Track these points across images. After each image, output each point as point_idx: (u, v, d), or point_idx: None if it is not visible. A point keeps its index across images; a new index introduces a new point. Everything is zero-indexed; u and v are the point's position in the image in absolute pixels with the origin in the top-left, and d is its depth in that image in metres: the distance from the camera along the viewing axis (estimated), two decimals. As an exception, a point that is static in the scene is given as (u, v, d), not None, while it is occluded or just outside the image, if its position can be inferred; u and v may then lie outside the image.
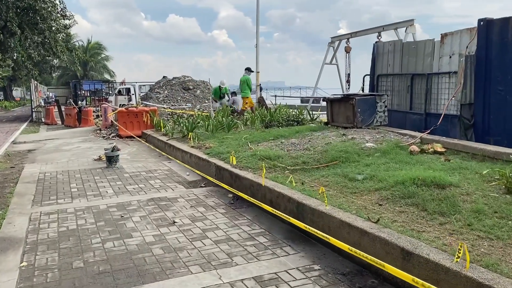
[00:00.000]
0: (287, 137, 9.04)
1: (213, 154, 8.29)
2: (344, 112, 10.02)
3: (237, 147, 8.67)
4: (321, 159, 6.80)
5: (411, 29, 12.09)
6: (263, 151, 7.57)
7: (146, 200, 6.67)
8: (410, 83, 9.91)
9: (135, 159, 10.59)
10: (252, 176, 6.41)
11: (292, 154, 7.28)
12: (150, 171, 9.03)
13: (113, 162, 9.44)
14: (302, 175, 6.24)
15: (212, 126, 10.64)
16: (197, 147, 9.44)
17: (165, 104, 16.37)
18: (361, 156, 6.76)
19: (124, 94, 28.97)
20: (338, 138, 8.15)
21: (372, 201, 4.81)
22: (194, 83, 17.87)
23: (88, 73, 53.40)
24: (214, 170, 7.70)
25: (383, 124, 9.73)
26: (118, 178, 8.38)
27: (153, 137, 12.64)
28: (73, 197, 6.99)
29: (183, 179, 8.17)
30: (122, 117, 14.23)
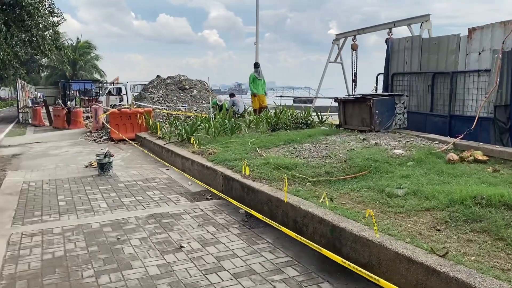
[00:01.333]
0: (300, 142, 8.18)
1: (219, 162, 7.40)
2: (358, 114, 9.19)
3: (244, 153, 7.79)
4: (347, 168, 5.95)
5: (427, 25, 11.32)
6: (277, 159, 6.70)
7: (146, 217, 5.77)
8: (431, 82, 9.12)
9: (130, 165, 9.66)
10: (269, 189, 5.53)
11: (311, 162, 6.42)
12: (147, 179, 8.12)
13: (106, 170, 8.51)
14: (327, 188, 5.38)
15: (214, 129, 9.74)
16: (199, 153, 8.54)
17: (160, 104, 15.43)
18: (392, 165, 5.92)
19: (115, 94, 27.91)
20: (359, 144, 7.31)
21: (426, 225, 3.96)
22: (191, 83, 16.94)
23: (78, 73, 52.09)
24: (221, 181, 6.82)
25: (402, 127, 8.92)
26: (112, 188, 7.46)
27: (148, 141, 11.72)
28: (60, 213, 6.06)
29: (185, 190, 7.28)
30: (115, 118, 13.27)
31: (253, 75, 13.86)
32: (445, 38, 8.82)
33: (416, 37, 9.66)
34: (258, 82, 13.80)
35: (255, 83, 13.77)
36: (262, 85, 13.97)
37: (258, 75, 13.95)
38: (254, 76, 13.84)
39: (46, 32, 25.66)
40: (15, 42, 24.99)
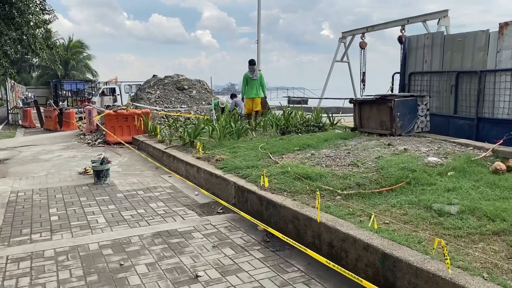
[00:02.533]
0: (316, 147, 7.47)
1: (229, 169, 6.67)
2: (377, 116, 8.50)
3: (256, 159, 7.08)
4: (380, 179, 5.25)
5: (445, 21, 10.65)
6: (296, 167, 5.98)
7: (151, 236, 5.03)
8: (454, 82, 8.45)
9: (128, 172, 8.90)
10: (294, 204, 4.81)
11: (337, 171, 5.70)
12: (149, 189, 7.37)
13: (103, 178, 7.74)
14: (362, 204, 4.68)
15: (219, 133, 9.00)
16: (204, 159, 7.81)
17: (158, 105, 14.65)
18: (432, 175, 5.23)
19: (108, 95, 27.04)
20: (385, 150, 6.62)
21: (501, 254, 3.27)
22: (189, 83, 16.17)
23: (70, 73, 51.03)
24: (233, 192, 6.09)
25: (424, 130, 8.26)
26: (110, 199, 6.70)
27: (147, 145, 10.95)
28: (53, 230, 5.30)
29: (191, 201, 6.54)
30: (110, 120, 12.48)
31: (246, 75, 11.62)
32: (472, 34, 8.16)
33: (438, 33, 9.00)
34: (252, 82, 11.52)
35: (248, 85, 11.57)
36: (258, 86, 11.62)
37: (252, 74, 11.57)
38: (247, 76, 11.61)
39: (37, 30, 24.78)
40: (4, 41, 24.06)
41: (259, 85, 11.72)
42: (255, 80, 11.54)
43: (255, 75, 11.53)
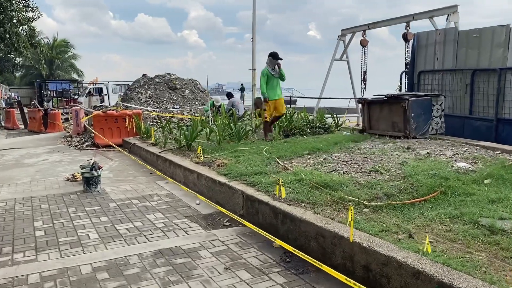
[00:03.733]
0: (327, 151, 6.91)
1: (234, 176, 6.06)
2: (388, 117, 7.98)
3: (263, 165, 6.47)
4: (410, 189, 4.69)
5: (454, 17, 10.19)
6: (311, 174, 5.39)
7: (152, 255, 4.39)
8: (470, 81, 7.95)
9: (120, 177, 8.23)
10: (316, 218, 4.22)
11: (358, 179, 5.12)
12: (144, 197, 6.71)
13: (93, 185, 7.07)
14: (394, 217, 4.11)
15: (219, 135, 8.37)
16: (204, 164, 7.18)
17: (149, 106, 13.95)
18: (467, 184, 4.68)
19: (96, 95, 26.18)
20: (405, 154, 6.08)
21: None
22: (182, 82, 15.48)
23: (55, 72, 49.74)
24: (241, 202, 5.48)
25: (439, 132, 7.76)
26: (102, 210, 6.03)
27: (139, 148, 10.27)
28: (38, 249, 4.63)
29: (193, 212, 5.91)
30: (99, 122, 11.76)
31: (266, 71, 9.03)
32: (489, 30, 7.67)
33: (451, 29, 8.51)
34: (274, 81, 9.07)
35: (269, 83, 9.03)
36: (279, 85, 9.33)
37: (273, 71, 9.08)
38: (267, 72, 9.03)
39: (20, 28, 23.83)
40: (-14, 39, 23.09)
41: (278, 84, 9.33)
42: (276, 78, 9.15)
43: (276, 72, 9.13)
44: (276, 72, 9.10)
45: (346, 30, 14.93)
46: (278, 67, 9.07)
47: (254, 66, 15.22)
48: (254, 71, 15.12)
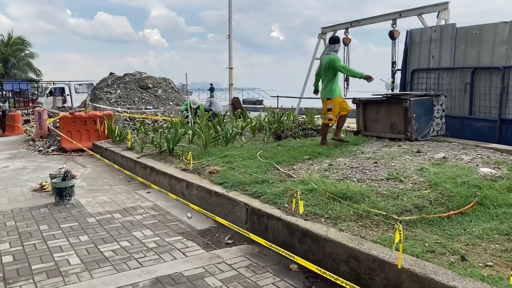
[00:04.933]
0: (328, 155, 6.36)
1: (232, 185, 5.40)
2: (386, 118, 7.52)
3: (261, 171, 5.85)
4: (441, 199, 4.18)
5: (445, 15, 9.87)
6: (322, 183, 4.80)
7: (150, 285, 3.68)
8: (470, 80, 7.60)
9: (95, 187, 7.39)
10: (344, 237, 3.63)
11: (378, 189, 4.58)
12: (127, 210, 5.94)
13: (66, 197, 6.23)
14: (433, 234, 3.59)
15: (205, 138, 7.66)
16: (193, 171, 6.48)
17: (119, 106, 13.02)
18: (502, 193, 4.21)
19: (57, 95, 24.72)
20: (417, 158, 5.61)
21: None
22: (154, 81, 14.60)
23: (10, 71, 47.21)
24: (244, 215, 4.82)
25: (440, 133, 7.38)
26: (80, 227, 5.23)
27: (112, 152, 9.40)
28: (6, 280, 3.83)
29: (186, 227, 5.21)
30: (67, 124, 10.78)
31: (337, 59, 7.28)
32: (491, 26, 7.33)
33: (448, 26, 8.14)
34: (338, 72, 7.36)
35: (335, 74, 7.31)
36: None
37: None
38: (338, 60, 7.27)
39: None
40: None
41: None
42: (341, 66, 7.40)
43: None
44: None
45: (327, 28, 14.48)
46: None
47: (231, 65, 14.53)
48: (231, 69, 14.44)
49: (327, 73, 7.28)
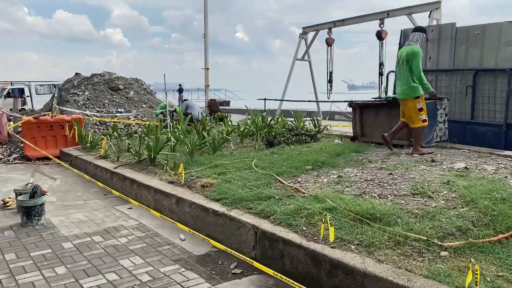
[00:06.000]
0: (333, 165, 5.79)
1: (231, 202, 4.74)
2: (386, 123, 7.06)
3: (262, 184, 5.21)
4: (484, 219, 3.67)
5: (437, 14, 9.51)
6: (340, 200, 4.21)
7: (152, 337, 2.97)
8: (472, 82, 7.22)
9: (67, 202, 6.54)
10: (387, 270, 3.05)
11: (407, 206, 4.02)
12: (108, 231, 5.17)
13: (36, 217, 5.38)
14: (489, 264, 3.05)
15: (191, 146, 6.93)
16: (183, 184, 5.76)
17: (88, 109, 12.05)
18: (552, 211, 3.73)
19: (17, 96, 23.14)
20: (435, 168, 5.13)
21: None
22: (125, 82, 13.67)
23: (-37, 71, 44.57)
24: (251, 240, 4.17)
25: (443, 139, 6.96)
26: (55, 255, 4.43)
27: (83, 161, 8.52)
28: (-34, 335, 3.03)
29: (181, 252, 4.50)
30: (30, 129, 9.78)
31: (419, 52, 6.36)
32: (495, 26, 6.97)
33: (447, 25, 7.74)
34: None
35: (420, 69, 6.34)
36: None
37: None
38: (419, 53, 6.35)
39: None
40: None
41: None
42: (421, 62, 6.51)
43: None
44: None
45: (309, 28, 13.96)
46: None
47: (207, 65, 13.82)
48: (207, 70, 13.72)
49: (408, 66, 6.31)
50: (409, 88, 6.29)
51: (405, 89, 6.33)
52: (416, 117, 6.30)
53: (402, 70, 6.41)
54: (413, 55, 6.23)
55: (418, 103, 6.28)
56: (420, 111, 6.28)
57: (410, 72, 6.27)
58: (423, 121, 6.28)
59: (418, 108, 6.27)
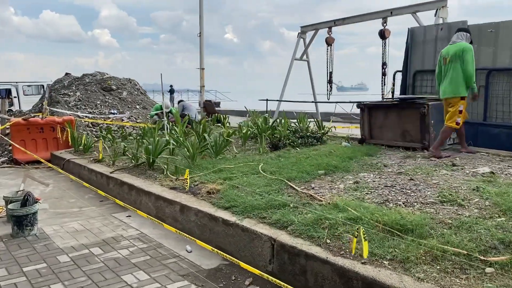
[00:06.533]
0: (348, 169, 5.47)
1: (242, 211, 4.38)
2: (397, 125, 6.75)
3: (272, 191, 4.87)
4: (529, 232, 3.34)
5: (443, 13, 9.24)
6: (364, 209, 3.88)
7: None
8: (484, 82, 6.95)
9: (61, 209, 6.13)
10: (430, 290, 2.71)
11: (438, 216, 3.70)
12: (107, 243, 4.77)
13: (28, 227, 4.98)
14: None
15: (192, 149, 6.56)
16: (184, 190, 5.39)
17: (80, 111, 11.59)
18: None
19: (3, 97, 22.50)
20: (458, 173, 4.83)
21: None
22: (118, 82, 13.22)
23: None
24: (268, 253, 3.82)
25: (455, 142, 6.66)
26: (51, 271, 4.04)
27: (77, 165, 8.10)
28: None
29: (190, 265, 4.13)
30: (20, 132, 9.31)
31: (470, 48, 6.15)
32: (509, 24, 6.71)
33: (457, 23, 7.46)
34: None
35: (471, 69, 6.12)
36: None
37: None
38: (470, 49, 6.14)
39: None
40: None
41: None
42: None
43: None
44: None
45: (308, 27, 13.63)
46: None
47: (202, 65, 13.44)
48: (202, 70, 13.34)
49: (456, 64, 6.07)
50: (457, 86, 6.09)
51: (454, 88, 6.11)
52: (453, 117, 6.11)
53: (450, 68, 6.19)
54: (465, 51, 6.04)
55: (461, 104, 6.10)
56: (459, 113, 6.10)
57: (460, 70, 6.07)
58: (457, 123, 6.09)
59: (459, 110, 6.10)
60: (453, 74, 6.10)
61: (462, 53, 6.04)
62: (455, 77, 6.08)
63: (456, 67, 6.08)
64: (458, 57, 6.08)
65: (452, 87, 6.10)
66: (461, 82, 6.05)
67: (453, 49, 6.17)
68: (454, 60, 6.10)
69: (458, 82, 6.07)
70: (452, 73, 6.12)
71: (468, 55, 6.00)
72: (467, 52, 6.01)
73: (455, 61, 6.09)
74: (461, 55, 6.04)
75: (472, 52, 6.06)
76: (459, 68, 6.06)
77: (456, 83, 6.07)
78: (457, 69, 6.07)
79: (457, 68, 6.07)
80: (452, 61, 6.13)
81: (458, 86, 6.07)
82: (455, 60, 6.09)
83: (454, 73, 6.09)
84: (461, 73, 6.05)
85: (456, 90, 6.07)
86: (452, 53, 6.16)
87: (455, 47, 6.17)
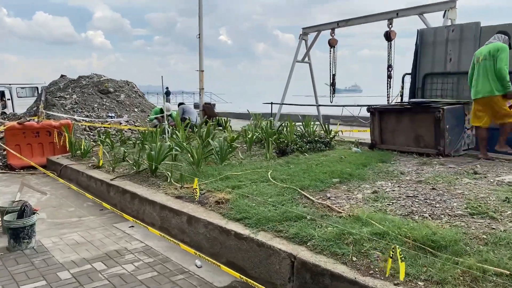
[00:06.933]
0: (363, 177, 5.22)
1: (255, 223, 4.10)
2: (409, 129, 6.51)
3: (285, 200, 4.59)
4: None
5: (452, 14, 9.02)
6: (392, 223, 3.62)
7: None
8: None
9: (60, 219, 5.83)
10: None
11: (470, 230, 3.44)
12: (110, 256, 4.48)
13: (25, 239, 4.68)
14: None
15: (197, 155, 6.27)
16: (190, 198, 5.10)
17: (76, 114, 11.26)
18: None
19: (-3, 99, 22.07)
20: (482, 182, 4.60)
21: None
22: (115, 84, 12.89)
23: None
24: (287, 271, 3.54)
25: (470, 147, 6.44)
26: (51, 290, 3.74)
27: (75, 171, 7.79)
28: None
29: (201, 283, 3.85)
30: (14, 136, 8.97)
31: (508, 48, 6.10)
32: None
33: (470, 25, 7.21)
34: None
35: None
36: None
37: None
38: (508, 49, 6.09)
39: None
40: None
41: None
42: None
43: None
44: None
45: (309, 29, 13.36)
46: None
47: (202, 67, 13.15)
48: (202, 72, 13.06)
49: (490, 62, 5.98)
50: (495, 85, 5.97)
51: (489, 86, 5.98)
52: (507, 114, 6.00)
53: (485, 66, 6.06)
54: (500, 50, 5.94)
55: (509, 100, 5.95)
56: (510, 108, 5.98)
57: (492, 68, 5.98)
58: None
59: (509, 106, 5.97)
60: (486, 72, 6.01)
61: (497, 51, 5.91)
62: (490, 75, 5.97)
63: (489, 65, 5.99)
64: (491, 55, 5.96)
65: (493, 85, 5.96)
66: (494, 80, 5.94)
67: (488, 48, 6.10)
68: (488, 58, 6.01)
69: (491, 81, 5.96)
70: (484, 71, 6.03)
71: (503, 54, 5.90)
72: (502, 51, 5.92)
73: (488, 59, 6.01)
74: (495, 54, 5.91)
75: (507, 52, 5.94)
76: (492, 66, 5.94)
77: (489, 81, 5.97)
78: (489, 68, 5.98)
79: (490, 66, 5.97)
80: (486, 59, 6.05)
81: (491, 85, 5.94)
82: (488, 58, 6.01)
83: (487, 72, 6.00)
84: (493, 72, 5.92)
85: (491, 89, 5.95)
86: (485, 52, 6.08)
87: (489, 47, 6.09)
